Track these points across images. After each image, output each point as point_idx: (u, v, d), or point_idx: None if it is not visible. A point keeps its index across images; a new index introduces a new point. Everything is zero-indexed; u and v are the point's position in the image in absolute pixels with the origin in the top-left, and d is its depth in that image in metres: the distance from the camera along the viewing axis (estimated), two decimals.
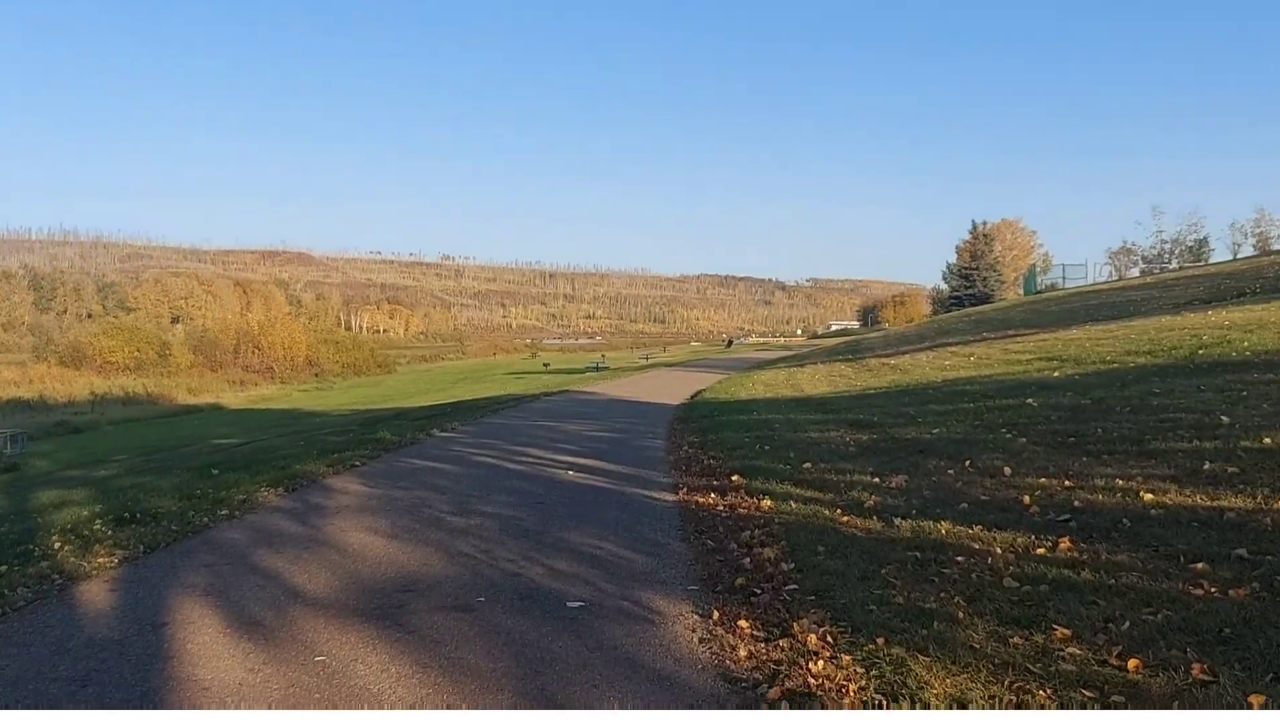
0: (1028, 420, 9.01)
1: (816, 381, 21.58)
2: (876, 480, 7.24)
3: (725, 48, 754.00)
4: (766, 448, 9.72)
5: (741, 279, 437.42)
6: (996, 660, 3.41)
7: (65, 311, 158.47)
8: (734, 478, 8.01)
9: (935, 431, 9.23)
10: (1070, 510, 5.57)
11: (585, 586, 4.95)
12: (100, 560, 5.80)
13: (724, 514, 6.76)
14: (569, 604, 4.61)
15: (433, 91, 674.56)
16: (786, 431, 10.98)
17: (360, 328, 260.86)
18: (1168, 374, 10.41)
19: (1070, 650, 3.44)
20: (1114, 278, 61.37)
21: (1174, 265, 61.83)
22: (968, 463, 7.40)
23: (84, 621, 4.53)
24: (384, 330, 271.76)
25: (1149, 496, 5.52)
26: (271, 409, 53.44)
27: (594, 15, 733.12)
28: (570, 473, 9.28)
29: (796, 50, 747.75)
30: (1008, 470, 6.89)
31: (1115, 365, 12.23)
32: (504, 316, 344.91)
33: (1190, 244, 65.29)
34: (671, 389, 25.50)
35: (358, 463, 10.60)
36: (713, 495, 7.45)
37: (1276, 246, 58.88)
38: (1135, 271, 62.20)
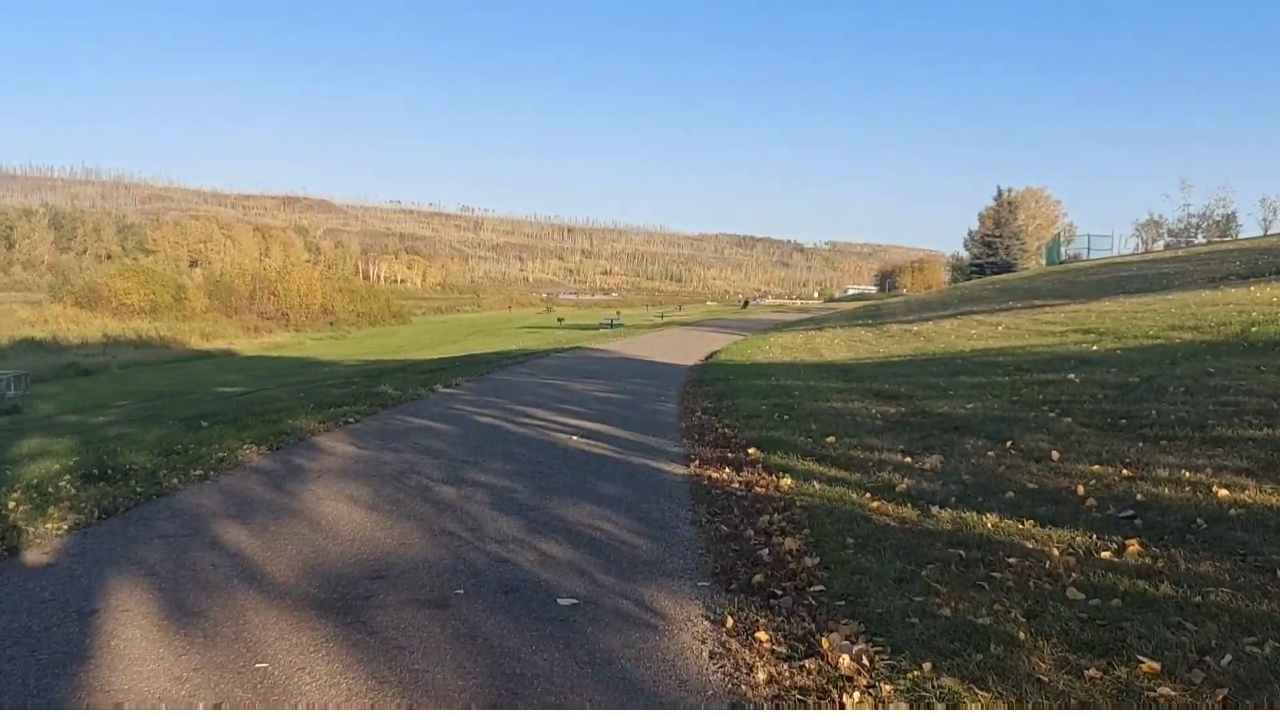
0: (1071, 398, 8.32)
1: (836, 346, 20.89)
2: (908, 460, 6.60)
3: (748, 7, 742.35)
4: (785, 417, 9.08)
5: (760, 239, 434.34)
6: (1072, 699, 2.80)
7: (85, 251, 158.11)
8: (751, 450, 7.39)
9: (969, 407, 8.55)
10: (1133, 505, 4.92)
11: (580, 578, 4.33)
12: (49, 525, 5.21)
13: (739, 492, 6.15)
14: (560, 600, 4.01)
15: (456, 43, 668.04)
16: (807, 400, 10.33)
17: (378, 277, 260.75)
18: (1220, 352, 9.67)
19: (1162, 690, 2.81)
20: (1140, 250, 60.14)
21: (1200, 240, 60.69)
22: (1009, 444, 6.74)
23: (1, 605, 3.95)
24: (401, 280, 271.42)
25: (1224, 493, 4.86)
26: (284, 357, 53.13)
27: None
28: (574, 438, 8.67)
29: (821, 15, 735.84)
30: (1055, 454, 6.23)
31: (1160, 340, 11.48)
32: (521, 270, 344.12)
33: (1218, 219, 64.00)
34: (686, 349, 24.85)
35: (352, 419, 10.03)
36: (727, 470, 6.83)
37: None
38: (1160, 245, 60.95)
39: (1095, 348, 11.89)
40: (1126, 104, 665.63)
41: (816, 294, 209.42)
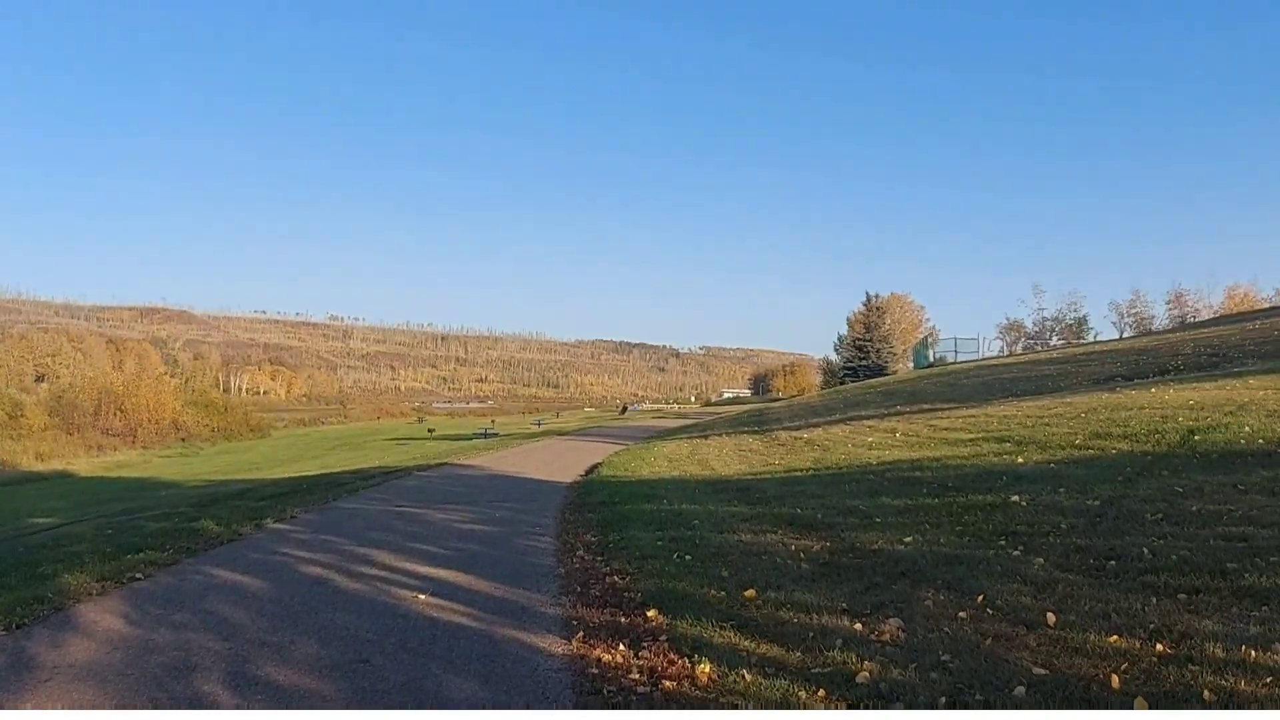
0: (1029, 528, 6.92)
1: (726, 458, 19.48)
2: (858, 627, 5.01)
3: (622, 112, 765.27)
4: (688, 558, 7.41)
5: (635, 345, 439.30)
6: None
7: None
8: (650, 612, 5.69)
9: (908, 540, 7.05)
10: (1200, 703, 3.45)
11: None
12: None
13: (641, 688, 4.42)
14: None
15: (321, 148, 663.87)
16: (709, 531, 8.67)
17: (240, 389, 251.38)
18: (1176, 467, 8.51)
19: None
20: (1005, 352, 61.85)
21: (1057, 342, 63.05)
22: (980, 598, 5.24)
23: None
24: (264, 392, 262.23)
25: None
26: (124, 478, 49.06)
27: (494, 72, 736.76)
28: (423, 596, 6.77)
29: (688, 131, 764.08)
30: (1051, 617, 4.74)
31: (1092, 451, 10.35)
32: (392, 379, 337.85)
33: (1070, 322, 67.00)
34: (564, 462, 23.01)
35: (142, 574, 7.88)
36: (622, 646, 5.10)
37: (1158, 327, 60.84)
38: (1020, 347, 62.92)
39: (1020, 460, 10.68)
40: (980, 214, 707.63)
41: (693, 398, 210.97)
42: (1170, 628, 4.40)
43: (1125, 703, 3.58)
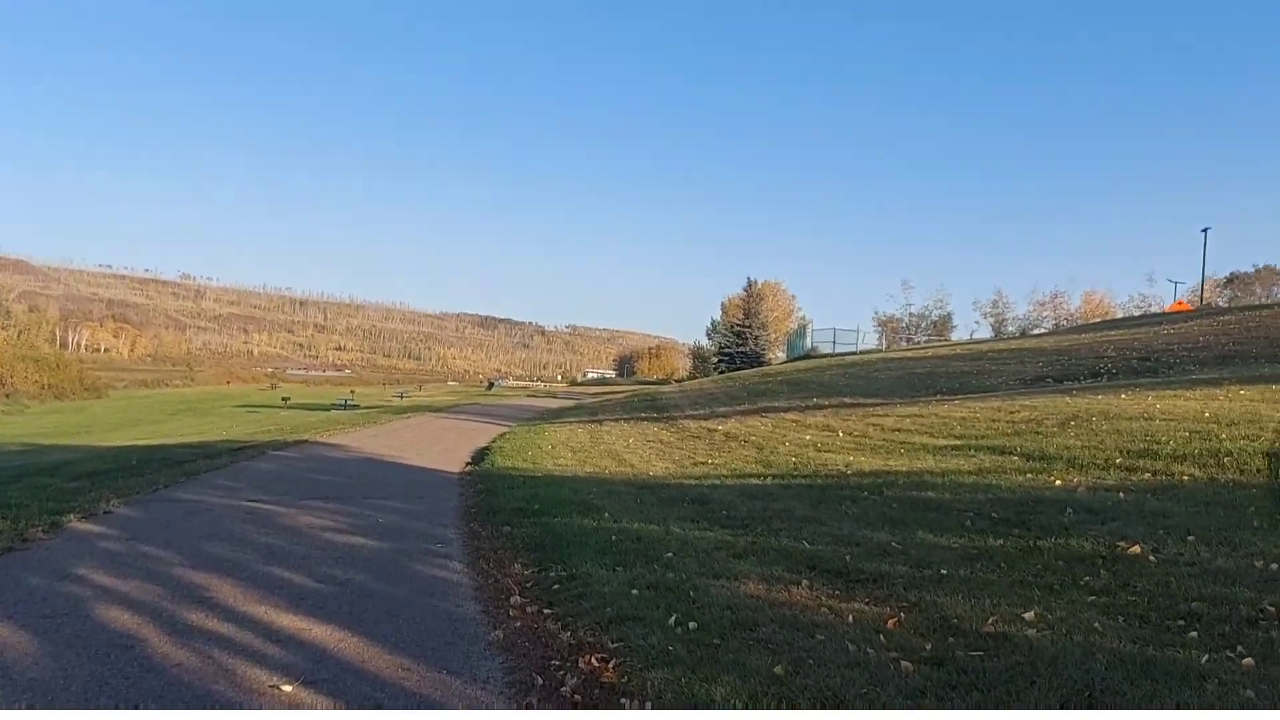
0: (1210, 607, 4.72)
1: (639, 450, 17.06)
2: None
3: (500, 80, 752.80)
4: (691, 625, 4.94)
5: (501, 320, 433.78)
6: None
7: None
8: None
9: (1030, 618, 4.75)
10: None
11: None
12: None
13: None
14: None
15: (178, 86, 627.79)
16: (698, 573, 6.18)
17: (79, 345, 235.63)
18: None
19: None
20: (882, 345, 61.64)
21: (921, 339, 63.51)
22: None
23: None
24: (106, 350, 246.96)
25: None
26: None
27: (368, 39, 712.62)
28: (287, 688, 4.16)
29: (573, 109, 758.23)
30: None
31: (1150, 476, 8.33)
32: (245, 343, 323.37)
33: (936, 318, 67.80)
34: (444, 444, 20.11)
35: None
36: None
37: (1012, 329, 62.08)
38: (902, 342, 63.02)
39: (1058, 481, 8.59)
40: (850, 206, 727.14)
41: (559, 377, 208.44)
42: None
43: None
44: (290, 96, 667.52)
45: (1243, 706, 3.51)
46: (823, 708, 3.75)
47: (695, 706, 3.83)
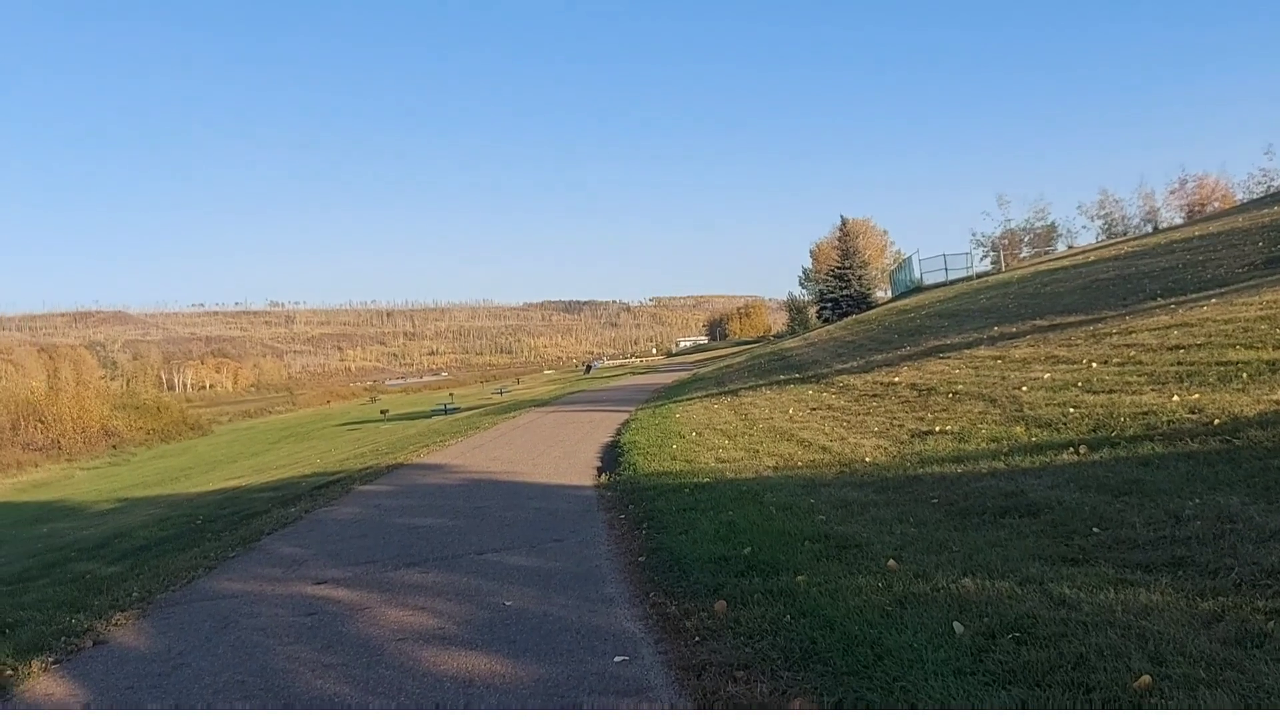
0: None
1: (811, 424, 13.35)
2: None
3: (547, 73, 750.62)
4: None
5: (585, 303, 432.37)
6: None
7: None
8: None
9: None
10: None
11: None
12: None
13: None
14: None
15: (250, 131, 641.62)
16: None
17: (184, 385, 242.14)
18: None
19: None
20: (1001, 266, 56.41)
21: (1025, 254, 57.98)
22: None
23: None
24: (210, 386, 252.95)
25: None
26: (29, 502, 42.04)
27: (419, 37, 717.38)
28: None
29: (622, 76, 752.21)
30: None
31: None
32: (341, 360, 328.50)
33: (1039, 230, 62.20)
34: (563, 446, 16.71)
35: None
36: None
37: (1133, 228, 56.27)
38: (985, 263, 57.40)
39: None
40: (926, 129, 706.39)
41: (654, 350, 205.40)
42: None
43: None
44: (343, 103, 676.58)
45: None
46: None
47: None
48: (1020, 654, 3.52)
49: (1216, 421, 7.03)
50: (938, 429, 10.18)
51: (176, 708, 4.61)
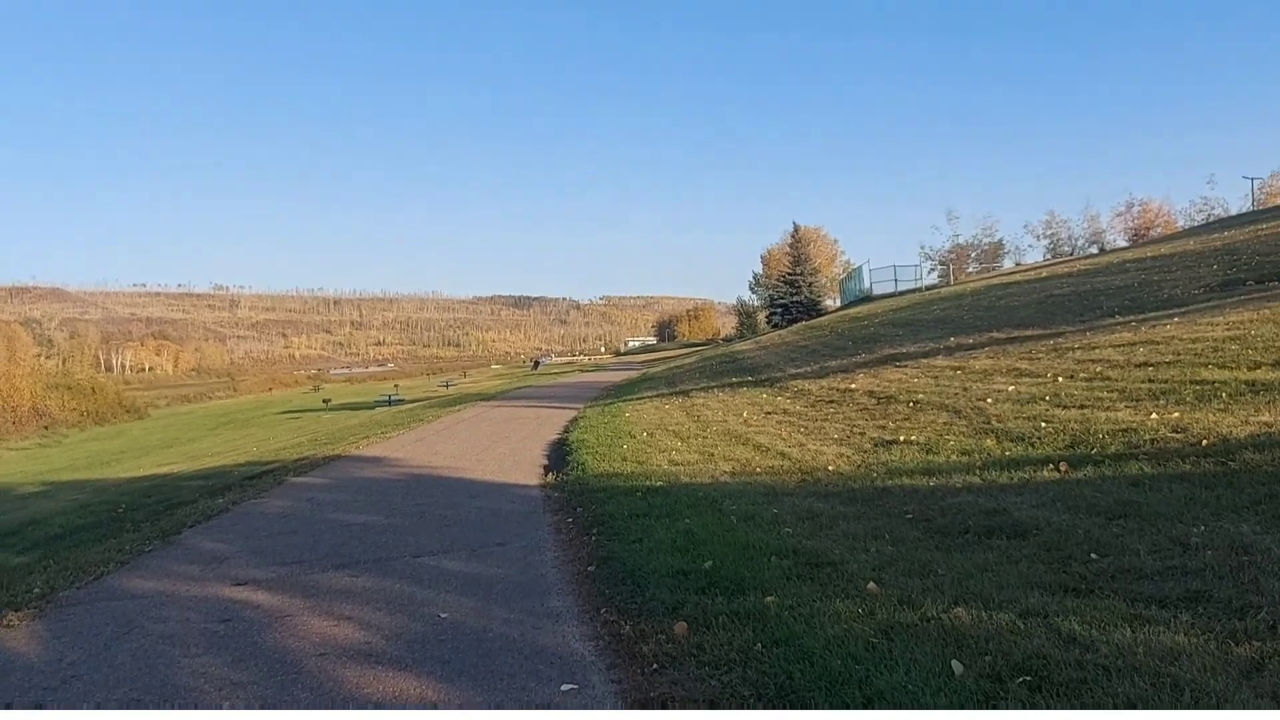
0: None
1: (767, 429, 12.91)
2: None
3: (505, 69, 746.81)
4: None
5: (535, 299, 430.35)
6: None
7: None
8: None
9: None
10: None
11: None
12: None
13: None
14: None
15: (197, 110, 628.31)
16: None
17: (123, 366, 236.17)
18: None
19: None
20: (948, 280, 56.67)
21: (971, 269, 58.42)
22: None
23: None
24: (150, 368, 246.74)
25: None
26: None
27: (356, 27, 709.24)
28: None
29: (580, 78, 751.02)
30: None
31: None
32: (286, 348, 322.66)
33: (986, 246, 62.75)
34: (509, 442, 16.09)
35: None
36: None
37: (1068, 251, 57.00)
38: (934, 276, 57.65)
39: None
40: (878, 142, 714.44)
41: (602, 349, 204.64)
42: None
43: None
44: (296, 87, 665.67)
45: None
46: None
47: None
48: (1037, 704, 3.05)
49: (1205, 442, 6.67)
50: (901, 438, 9.77)
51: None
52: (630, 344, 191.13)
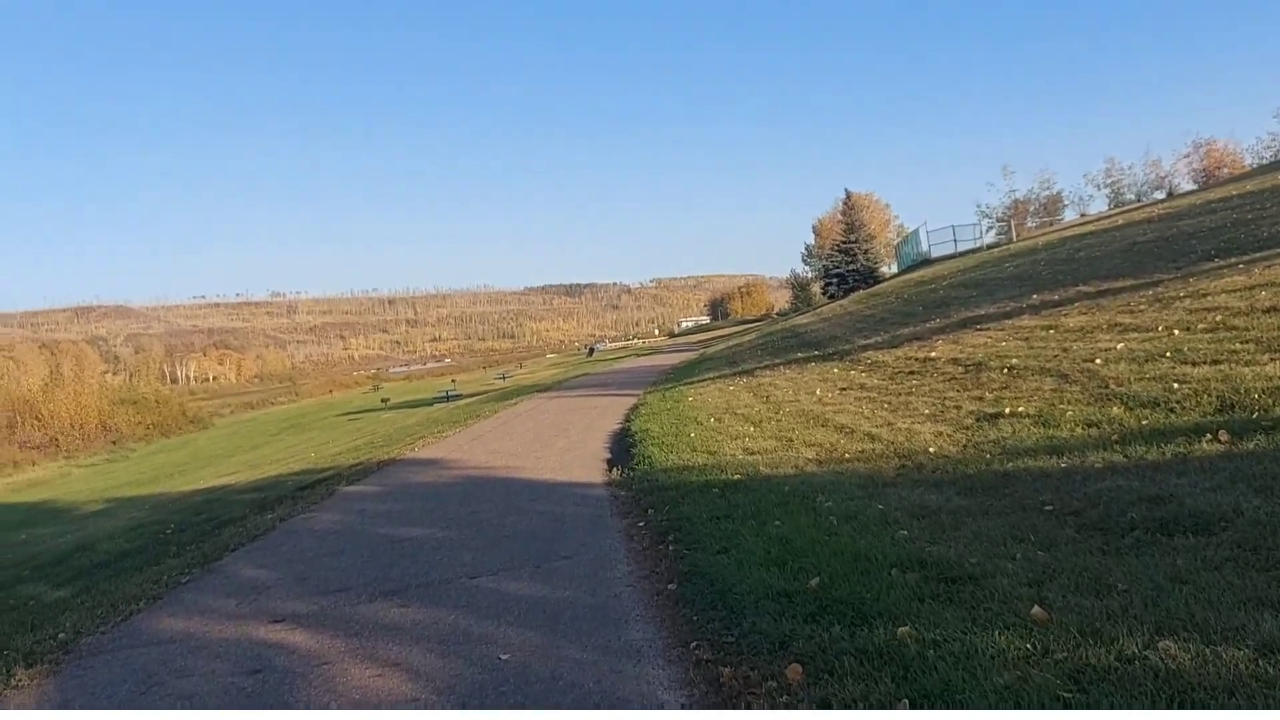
0: None
1: (845, 406, 11.93)
2: None
3: (544, 59, 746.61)
4: None
5: (586, 286, 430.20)
6: None
7: None
8: None
9: None
10: None
11: None
12: None
13: None
14: None
15: (248, 122, 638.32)
16: None
17: (188, 378, 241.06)
18: None
19: None
20: (1012, 237, 54.71)
21: (1032, 224, 56.48)
22: None
23: None
24: (214, 378, 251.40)
25: None
26: (17, 504, 40.78)
27: (401, 26, 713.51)
28: None
29: (619, 59, 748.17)
30: None
31: None
32: (345, 349, 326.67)
33: (1044, 200, 60.76)
34: (568, 436, 15.30)
35: None
36: None
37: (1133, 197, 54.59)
38: (992, 235, 55.83)
39: None
40: (934, 110, 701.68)
41: (655, 331, 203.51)
42: None
43: None
44: (334, 88, 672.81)
45: None
46: None
47: None
48: None
49: None
50: (1007, 410, 8.71)
51: None
52: (684, 324, 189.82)
